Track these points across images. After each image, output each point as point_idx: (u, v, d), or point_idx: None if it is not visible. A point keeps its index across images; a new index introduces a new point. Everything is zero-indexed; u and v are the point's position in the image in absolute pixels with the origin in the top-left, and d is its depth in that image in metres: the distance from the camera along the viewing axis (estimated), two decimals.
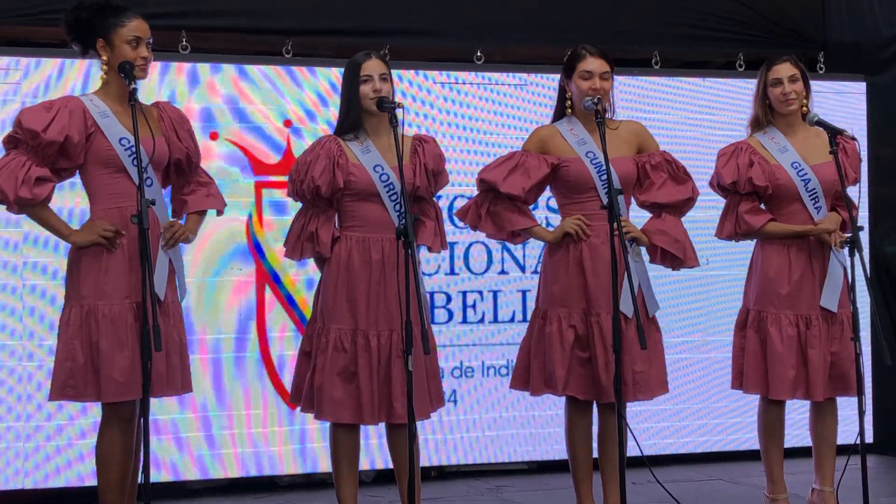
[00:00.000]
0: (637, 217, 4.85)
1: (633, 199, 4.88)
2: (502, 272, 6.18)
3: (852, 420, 4.64)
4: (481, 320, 6.13)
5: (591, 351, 4.67)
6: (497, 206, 4.80)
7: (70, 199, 5.13)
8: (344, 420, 4.48)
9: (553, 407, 5.82)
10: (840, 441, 5.01)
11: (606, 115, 4.65)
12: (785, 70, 4.93)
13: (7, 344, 5.45)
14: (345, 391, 4.46)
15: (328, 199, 4.54)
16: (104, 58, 4.23)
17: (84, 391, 4.15)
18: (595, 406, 4.78)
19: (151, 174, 4.20)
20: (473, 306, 6.12)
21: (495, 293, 6.16)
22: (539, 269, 4.94)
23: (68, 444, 5.49)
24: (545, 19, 6.35)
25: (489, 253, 6.15)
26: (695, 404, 6.42)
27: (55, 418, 5.46)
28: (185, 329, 4.37)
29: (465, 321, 6.11)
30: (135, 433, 4.23)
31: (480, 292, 6.14)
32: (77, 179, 4.33)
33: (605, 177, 4.64)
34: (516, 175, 4.75)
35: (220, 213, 4.58)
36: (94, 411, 4.53)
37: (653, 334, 4.73)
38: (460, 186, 5.97)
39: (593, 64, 4.72)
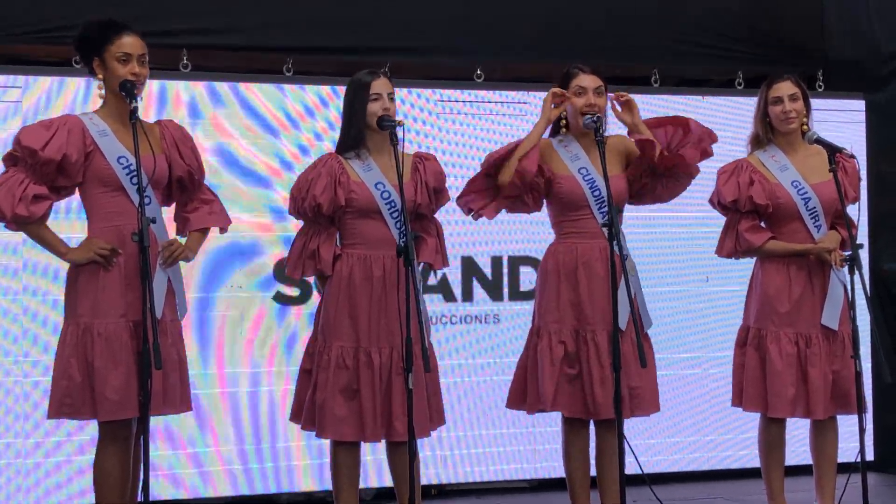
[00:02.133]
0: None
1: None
2: (506, 287, 6.18)
3: (853, 438, 4.64)
4: (484, 336, 6.14)
5: (582, 368, 4.68)
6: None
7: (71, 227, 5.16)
8: (346, 438, 4.47)
9: (553, 424, 5.80)
10: (841, 459, 5.00)
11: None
12: (786, 88, 4.94)
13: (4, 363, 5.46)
14: (347, 408, 4.46)
15: (329, 216, 4.55)
16: (100, 76, 4.24)
17: (81, 409, 4.16)
18: (592, 424, 4.78)
19: (150, 193, 4.20)
20: (475, 321, 6.13)
21: (498, 309, 6.17)
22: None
23: (67, 460, 5.49)
24: (545, 37, 6.36)
25: (492, 267, 6.15)
26: (695, 422, 6.41)
27: (54, 435, 5.45)
28: (184, 347, 4.37)
29: (467, 337, 6.11)
30: (132, 451, 4.22)
31: (482, 308, 6.15)
32: (75, 202, 4.34)
33: (597, 193, 4.69)
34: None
35: (223, 230, 4.58)
36: (92, 427, 4.52)
37: (646, 350, 4.73)
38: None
39: (586, 80, 4.74)
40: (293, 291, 5.86)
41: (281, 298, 5.85)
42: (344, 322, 4.49)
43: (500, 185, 4.77)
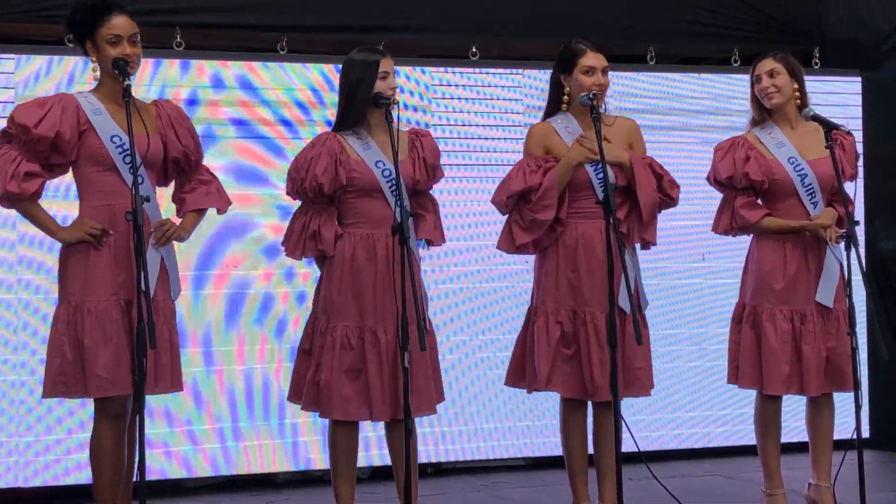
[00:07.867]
0: None
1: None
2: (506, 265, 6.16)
3: (849, 415, 4.65)
4: (480, 316, 6.13)
5: (580, 349, 4.67)
6: (522, 212, 4.75)
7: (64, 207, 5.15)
8: (353, 417, 4.47)
9: (548, 403, 5.81)
10: (837, 436, 5.01)
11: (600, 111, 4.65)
12: (764, 66, 4.93)
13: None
14: (353, 388, 4.44)
15: (329, 196, 4.52)
16: (93, 58, 4.25)
17: (74, 388, 4.17)
18: (590, 402, 4.78)
19: (143, 172, 4.18)
20: (472, 301, 6.12)
21: (495, 289, 6.16)
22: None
23: (59, 441, 5.49)
24: (541, 15, 6.34)
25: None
26: (691, 399, 6.42)
27: (54, 412, 5.45)
28: (177, 328, 4.36)
29: (463, 317, 6.10)
30: (126, 429, 4.22)
31: (479, 289, 6.14)
32: (68, 183, 4.33)
33: (600, 175, 4.64)
34: (527, 174, 4.73)
35: (220, 211, 4.56)
36: (88, 406, 4.56)
37: (642, 330, 4.71)
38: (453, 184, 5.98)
39: (595, 59, 4.72)
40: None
41: None
42: (348, 302, 4.47)
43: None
